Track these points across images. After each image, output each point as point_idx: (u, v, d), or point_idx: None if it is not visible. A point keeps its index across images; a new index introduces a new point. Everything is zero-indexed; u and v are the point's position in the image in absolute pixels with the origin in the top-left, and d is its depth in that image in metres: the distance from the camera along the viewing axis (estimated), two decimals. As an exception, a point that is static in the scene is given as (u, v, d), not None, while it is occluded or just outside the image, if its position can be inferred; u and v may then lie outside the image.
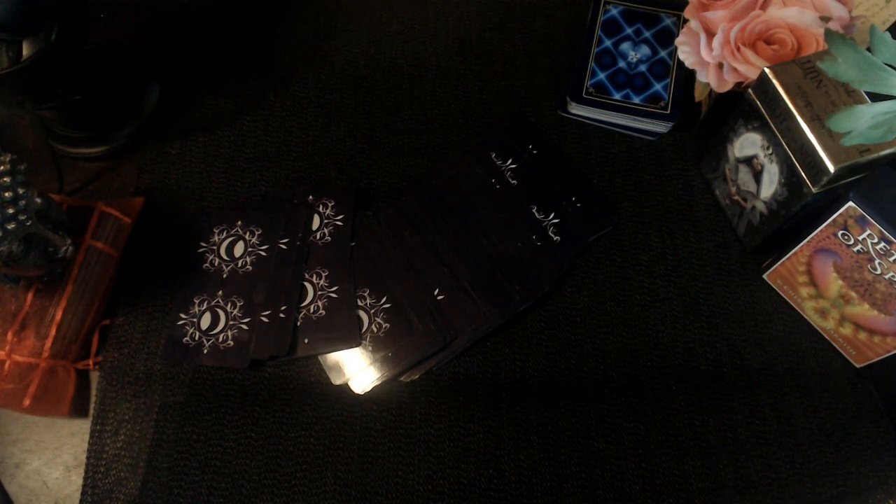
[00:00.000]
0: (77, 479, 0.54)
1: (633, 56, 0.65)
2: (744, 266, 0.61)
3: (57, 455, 0.55)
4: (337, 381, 0.56)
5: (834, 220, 0.50)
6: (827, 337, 0.58)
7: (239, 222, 0.62)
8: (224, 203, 0.63)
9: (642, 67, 0.65)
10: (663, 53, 0.66)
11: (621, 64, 0.65)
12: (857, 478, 0.54)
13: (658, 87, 0.64)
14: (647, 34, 0.67)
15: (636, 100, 0.64)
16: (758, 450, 0.54)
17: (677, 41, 0.59)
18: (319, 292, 0.58)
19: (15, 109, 0.66)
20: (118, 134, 0.65)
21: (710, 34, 0.56)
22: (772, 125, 0.52)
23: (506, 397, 0.56)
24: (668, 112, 0.64)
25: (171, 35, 0.71)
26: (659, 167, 0.65)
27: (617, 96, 0.64)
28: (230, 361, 0.56)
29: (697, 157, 0.65)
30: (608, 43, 0.66)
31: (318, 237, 0.60)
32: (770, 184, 0.55)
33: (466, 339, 0.56)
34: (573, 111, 0.66)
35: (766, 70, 0.51)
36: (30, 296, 0.55)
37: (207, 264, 0.60)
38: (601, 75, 0.65)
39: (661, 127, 0.64)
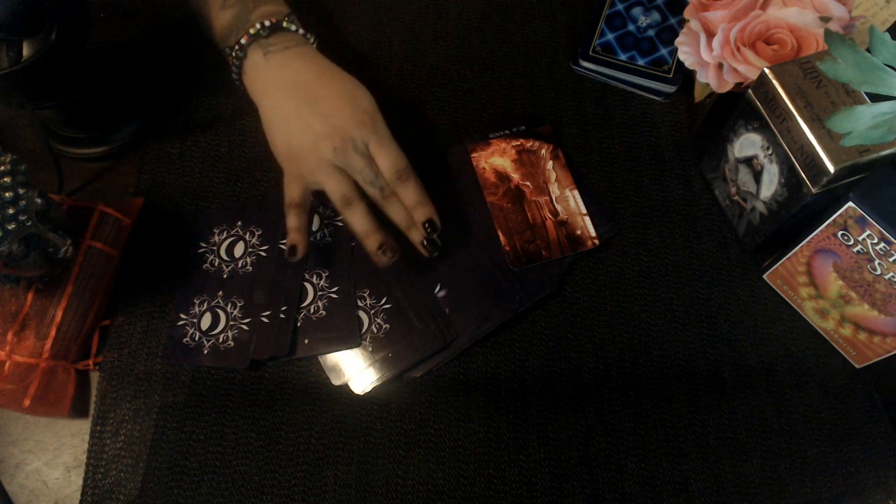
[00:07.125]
0: (77, 479, 0.54)
1: (643, 20, 0.68)
2: (744, 266, 0.61)
3: (57, 455, 0.55)
4: (337, 381, 0.56)
5: (834, 221, 0.50)
6: (827, 337, 0.58)
7: (239, 222, 0.62)
8: (224, 203, 0.63)
9: (651, 32, 0.68)
10: (672, 21, 0.69)
11: (630, 27, 0.68)
12: (857, 478, 0.54)
13: (664, 51, 0.67)
14: (658, 1, 0.70)
15: (641, 62, 0.67)
16: (758, 450, 0.54)
17: (677, 41, 0.59)
18: (319, 293, 0.58)
19: (15, 109, 0.66)
20: (118, 134, 0.65)
21: (710, 34, 0.56)
22: (772, 125, 0.52)
23: (506, 397, 0.56)
24: (671, 76, 0.66)
25: (171, 35, 0.71)
26: (659, 167, 0.65)
27: (623, 57, 0.67)
28: (230, 362, 0.56)
29: (697, 157, 0.65)
30: (620, 6, 0.69)
31: (318, 237, 0.60)
32: (770, 184, 0.55)
33: (467, 338, 0.56)
34: (582, 66, 0.68)
35: (766, 70, 0.51)
36: (30, 296, 0.55)
37: (207, 264, 0.60)
38: (609, 36, 0.68)
39: (664, 87, 0.67)
